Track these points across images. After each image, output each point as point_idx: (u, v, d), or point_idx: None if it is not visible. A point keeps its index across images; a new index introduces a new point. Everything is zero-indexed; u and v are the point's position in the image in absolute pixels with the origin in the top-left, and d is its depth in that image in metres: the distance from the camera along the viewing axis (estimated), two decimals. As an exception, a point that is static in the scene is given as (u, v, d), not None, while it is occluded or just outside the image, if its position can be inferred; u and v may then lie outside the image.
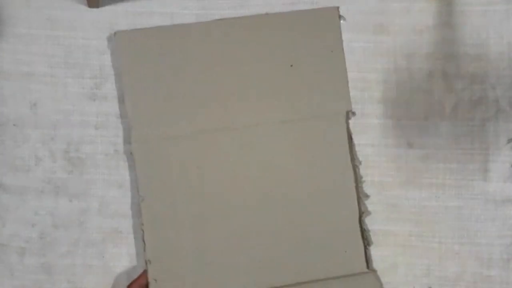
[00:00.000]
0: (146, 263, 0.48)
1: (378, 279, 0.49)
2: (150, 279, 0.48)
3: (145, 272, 0.48)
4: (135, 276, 0.50)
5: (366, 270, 0.49)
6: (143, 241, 0.48)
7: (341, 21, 0.52)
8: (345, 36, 0.52)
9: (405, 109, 0.52)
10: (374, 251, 0.50)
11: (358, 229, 0.50)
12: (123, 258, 0.51)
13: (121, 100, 0.51)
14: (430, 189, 0.51)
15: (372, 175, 0.52)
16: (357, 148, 0.51)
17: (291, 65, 0.50)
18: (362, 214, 0.50)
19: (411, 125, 0.52)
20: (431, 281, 0.51)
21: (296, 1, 0.52)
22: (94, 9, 0.52)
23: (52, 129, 0.51)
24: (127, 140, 0.51)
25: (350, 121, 0.51)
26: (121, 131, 0.52)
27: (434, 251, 0.51)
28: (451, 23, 0.52)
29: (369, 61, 0.52)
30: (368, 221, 0.50)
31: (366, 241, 0.50)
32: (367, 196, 0.50)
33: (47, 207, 0.51)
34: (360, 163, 0.51)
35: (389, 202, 0.51)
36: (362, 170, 0.51)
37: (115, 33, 0.50)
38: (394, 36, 0.52)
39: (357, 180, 0.50)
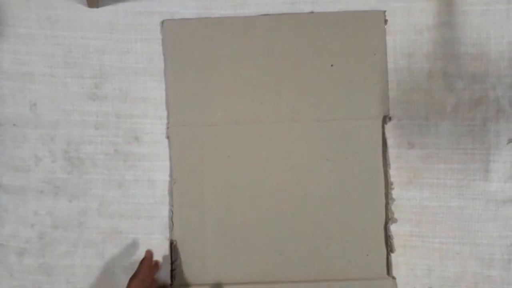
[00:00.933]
0: (171, 243, 0.50)
1: (395, 286, 0.49)
2: (174, 259, 0.50)
3: (148, 254, 0.50)
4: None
5: (385, 276, 0.49)
6: (171, 222, 0.50)
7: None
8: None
9: (405, 109, 0.52)
10: (374, 251, 0.50)
11: (383, 234, 0.50)
12: (123, 258, 0.51)
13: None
14: (431, 189, 0.51)
15: (372, 175, 0.51)
16: (357, 148, 0.51)
17: (332, 65, 0.50)
18: (388, 220, 0.50)
19: (412, 125, 0.52)
20: (432, 281, 0.51)
21: (296, 1, 0.52)
22: (94, 9, 0.52)
23: (52, 129, 0.51)
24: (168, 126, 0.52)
25: None
26: (121, 131, 0.52)
27: (435, 251, 0.51)
28: (452, 22, 0.52)
29: (369, 60, 0.52)
30: (369, 221, 0.51)
31: (389, 247, 0.50)
32: (393, 200, 0.50)
33: (47, 207, 0.51)
34: (390, 167, 0.51)
35: (390, 202, 0.51)
36: (363, 170, 0.51)
37: (162, 22, 0.51)
38: (395, 36, 0.52)
39: (387, 186, 0.50)
